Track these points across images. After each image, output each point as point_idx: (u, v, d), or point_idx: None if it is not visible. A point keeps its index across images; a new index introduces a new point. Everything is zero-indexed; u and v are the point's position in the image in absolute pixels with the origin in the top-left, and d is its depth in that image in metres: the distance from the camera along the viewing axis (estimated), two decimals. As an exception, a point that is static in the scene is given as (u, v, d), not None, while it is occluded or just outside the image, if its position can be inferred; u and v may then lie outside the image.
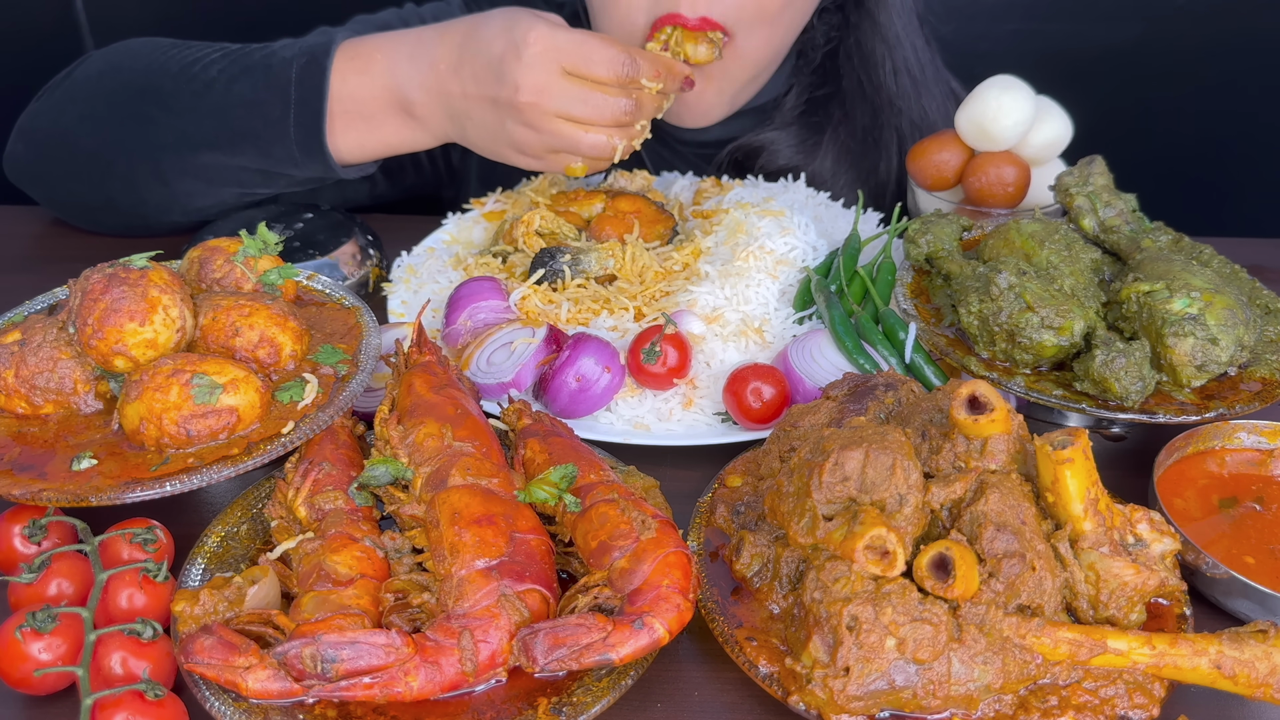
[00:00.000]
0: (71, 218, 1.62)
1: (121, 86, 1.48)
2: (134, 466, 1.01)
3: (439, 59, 1.37)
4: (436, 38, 1.39)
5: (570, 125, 1.34)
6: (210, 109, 1.43)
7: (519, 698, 0.90)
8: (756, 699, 0.96)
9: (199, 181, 1.48)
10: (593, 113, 1.33)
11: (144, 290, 1.07)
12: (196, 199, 1.50)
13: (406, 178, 1.78)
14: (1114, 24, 2.23)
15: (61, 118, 1.51)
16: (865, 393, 1.10)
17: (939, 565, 0.90)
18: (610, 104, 1.33)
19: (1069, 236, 1.28)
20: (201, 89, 1.43)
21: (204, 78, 1.44)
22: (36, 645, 0.91)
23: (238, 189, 1.50)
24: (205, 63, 1.45)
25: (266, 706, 0.88)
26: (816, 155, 1.72)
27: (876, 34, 1.69)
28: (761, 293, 1.37)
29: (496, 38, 1.33)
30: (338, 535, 0.99)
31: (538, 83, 1.31)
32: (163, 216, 1.54)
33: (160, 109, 1.45)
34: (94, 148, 1.49)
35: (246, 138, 1.42)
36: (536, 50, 1.30)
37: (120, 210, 1.54)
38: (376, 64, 1.40)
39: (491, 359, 1.28)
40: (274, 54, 1.43)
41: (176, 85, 1.44)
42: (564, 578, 1.03)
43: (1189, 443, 1.16)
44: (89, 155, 1.49)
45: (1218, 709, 0.96)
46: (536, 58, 1.30)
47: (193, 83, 1.44)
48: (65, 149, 1.51)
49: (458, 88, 1.36)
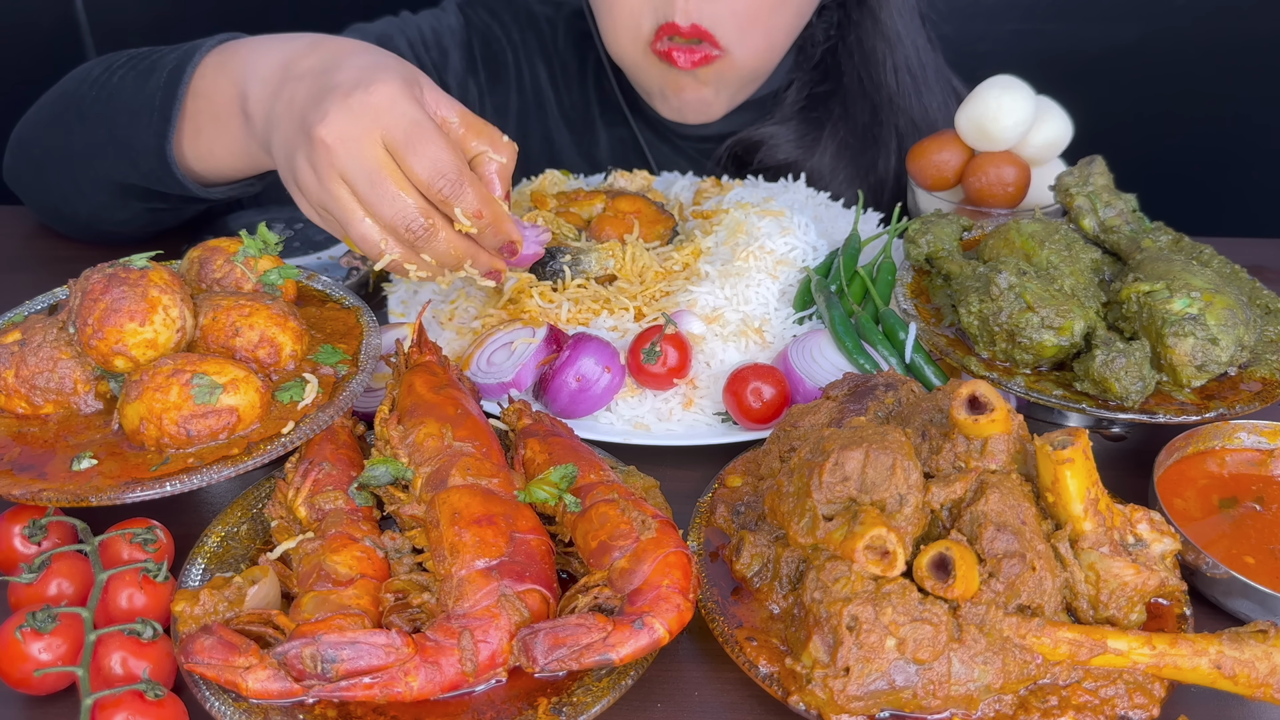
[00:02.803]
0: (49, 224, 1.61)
1: (60, 97, 1.44)
2: (134, 466, 1.01)
3: (293, 61, 1.19)
4: (307, 46, 1.21)
5: (349, 196, 1.11)
6: (106, 117, 1.34)
7: (519, 698, 0.90)
8: (756, 699, 0.96)
9: (105, 193, 1.39)
10: (374, 199, 1.10)
11: (144, 290, 1.07)
12: (112, 211, 1.42)
13: None
14: (1114, 24, 2.23)
15: (27, 129, 1.50)
16: (865, 393, 1.10)
17: (939, 565, 0.90)
18: (397, 203, 1.10)
19: (1069, 236, 1.28)
20: (106, 97, 1.35)
21: (109, 85, 1.35)
22: (36, 645, 0.91)
23: (142, 203, 1.39)
24: (114, 68, 1.37)
25: (266, 706, 0.88)
26: (816, 151, 1.72)
27: (877, 32, 1.70)
28: (761, 293, 1.37)
29: (349, 69, 1.13)
30: (338, 535, 0.99)
31: (344, 130, 1.08)
32: (99, 227, 1.49)
33: (77, 118, 1.38)
34: (39, 158, 1.47)
35: (123, 148, 1.32)
36: (368, 101, 1.09)
37: (66, 219, 1.53)
38: (236, 59, 1.26)
39: (491, 359, 1.28)
40: (162, 57, 1.32)
41: (90, 93, 1.37)
42: (564, 578, 1.03)
43: (1189, 443, 1.16)
44: (37, 165, 1.48)
45: (1218, 709, 0.96)
46: (361, 108, 1.09)
47: (101, 90, 1.36)
48: (26, 159, 1.51)
49: (287, 92, 1.16)
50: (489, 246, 1.18)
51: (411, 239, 1.12)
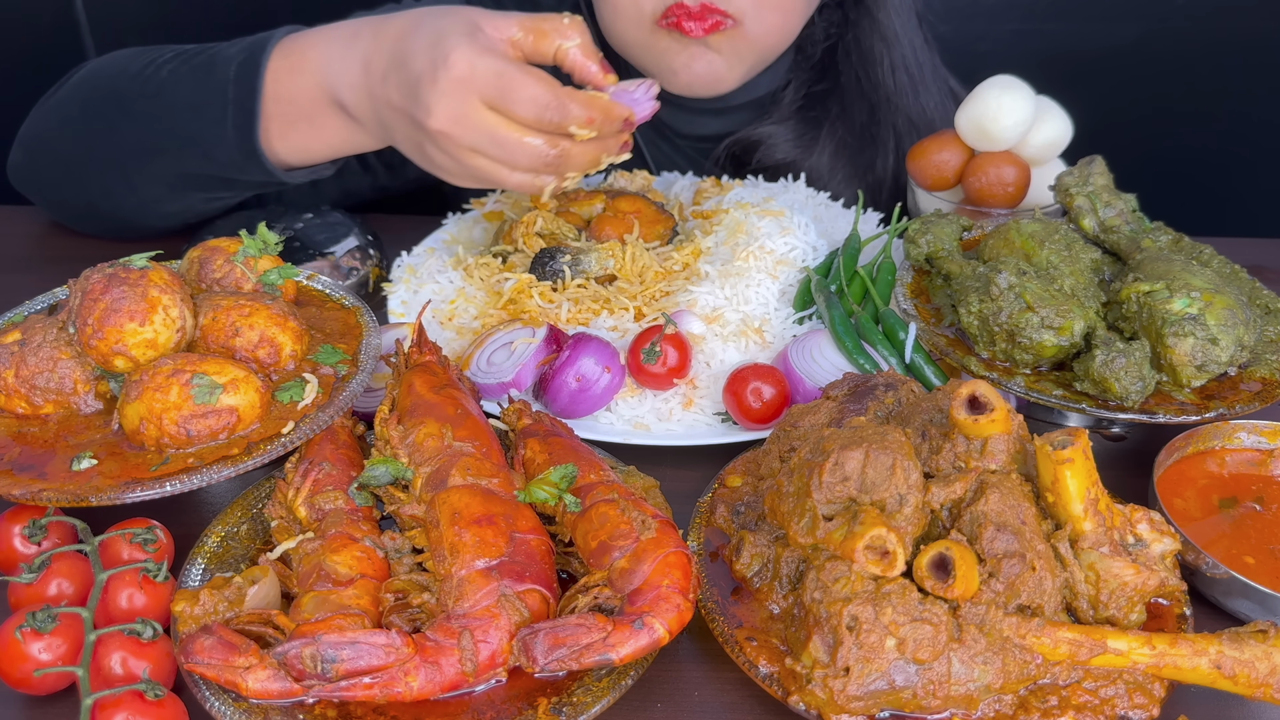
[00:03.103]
0: (67, 222, 1.62)
1: (92, 93, 1.46)
2: (134, 466, 1.01)
3: (372, 60, 1.26)
4: (372, 35, 1.28)
5: (487, 162, 1.21)
6: (160, 113, 1.38)
7: (519, 698, 0.90)
8: (756, 699, 0.96)
9: (161, 186, 1.44)
10: (507, 156, 1.19)
11: (144, 290, 1.07)
12: (165, 204, 1.47)
13: (410, 169, 1.78)
14: (1114, 24, 2.23)
15: (46, 126, 1.51)
16: (865, 393, 1.10)
17: (939, 565, 0.90)
18: (527, 150, 1.19)
19: (1069, 236, 1.28)
20: (154, 92, 1.39)
21: (156, 80, 1.39)
22: (36, 645, 0.91)
23: (201, 193, 1.45)
24: (159, 64, 1.41)
25: (266, 706, 0.88)
26: (814, 150, 1.72)
27: (875, 31, 1.70)
28: (761, 293, 1.37)
29: (421, 53, 1.20)
30: (338, 535, 0.99)
31: (452, 113, 1.17)
32: (141, 220, 1.52)
33: (121, 114, 1.41)
34: (72, 155, 1.48)
35: (192, 142, 1.37)
36: (454, 76, 1.16)
37: (102, 215, 1.54)
38: (310, 62, 1.32)
39: (491, 359, 1.28)
40: (219, 53, 1.37)
41: (134, 89, 1.41)
42: (564, 578, 1.03)
43: (1189, 443, 1.16)
44: (69, 163, 1.49)
45: (1218, 709, 0.96)
46: (452, 85, 1.16)
47: (146, 85, 1.40)
48: (50, 156, 1.51)
49: (383, 95, 1.25)
50: (611, 133, 1.25)
51: (549, 169, 1.21)
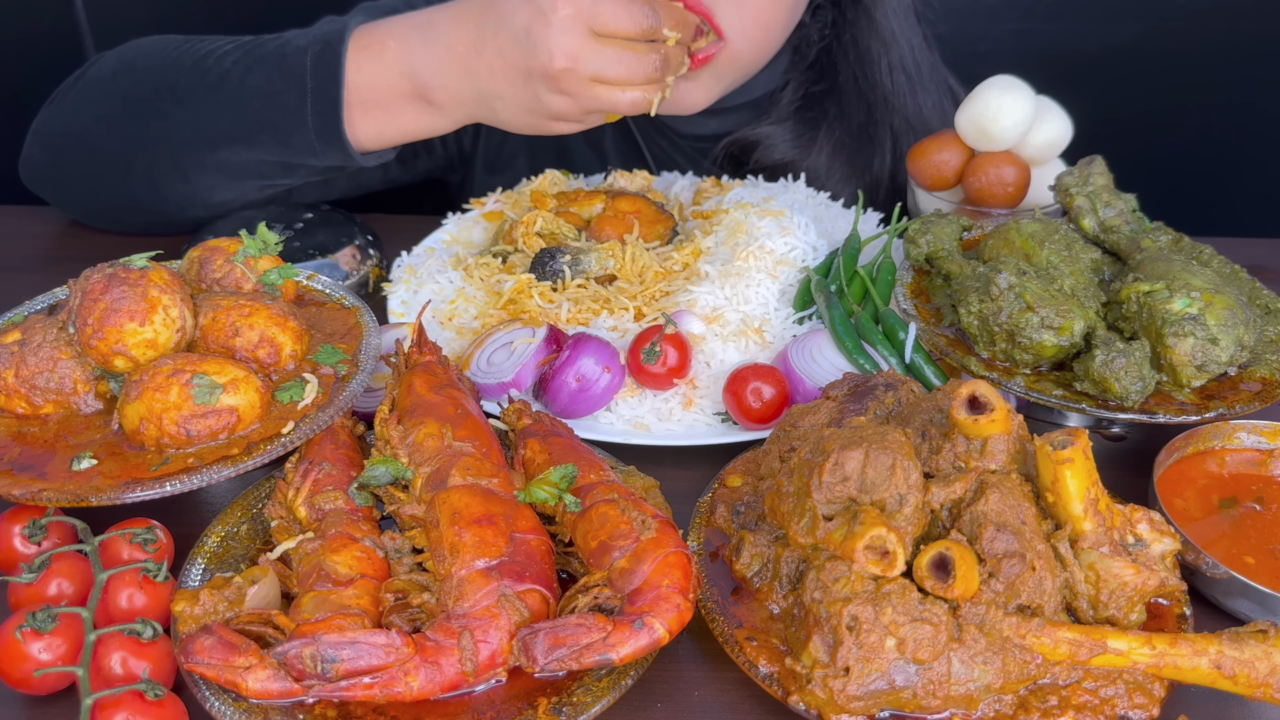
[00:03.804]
0: (91, 219, 1.62)
1: (136, 84, 1.48)
2: (134, 466, 1.01)
3: (456, 41, 1.36)
4: (450, 20, 1.37)
5: (605, 88, 1.33)
6: (226, 102, 1.42)
7: (519, 698, 0.90)
8: (756, 699, 0.96)
9: (219, 175, 1.48)
10: (626, 73, 1.32)
11: (144, 290, 1.07)
12: (218, 192, 1.50)
13: (420, 162, 1.79)
14: (1114, 24, 2.23)
15: (78, 119, 1.51)
16: (865, 393, 1.10)
17: (939, 565, 0.90)
18: (643, 63, 1.32)
19: (1069, 236, 1.28)
20: (216, 82, 1.43)
21: (218, 70, 1.43)
22: (36, 645, 0.91)
23: (258, 180, 1.49)
24: (218, 55, 1.45)
25: (266, 706, 0.88)
26: (812, 150, 1.72)
27: (872, 31, 1.70)
28: (761, 293, 1.37)
29: (519, 9, 1.31)
30: (338, 535, 0.99)
31: (571, 48, 1.29)
32: (185, 212, 1.53)
33: (176, 104, 1.44)
34: (113, 147, 1.48)
35: (264, 129, 1.42)
36: (565, 14, 1.28)
37: (142, 208, 1.54)
38: (390, 51, 1.39)
39: (491, 359, 1.28)
40: (287, 43, 1.43)
41: (191, 79, 1.44)
42: (564, 578, 1.03)
43: (1189, 443, 1.16)
44: (108, 155, 1.49)
45: (1218, 709, 0.96)
46: (566, 22, 1.28)
47: (207, 75, 1.44)
48: (83, 150, 1.51)
49: (483, 66, 1.35)
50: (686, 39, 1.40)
51: (659, 76, 1.35)
